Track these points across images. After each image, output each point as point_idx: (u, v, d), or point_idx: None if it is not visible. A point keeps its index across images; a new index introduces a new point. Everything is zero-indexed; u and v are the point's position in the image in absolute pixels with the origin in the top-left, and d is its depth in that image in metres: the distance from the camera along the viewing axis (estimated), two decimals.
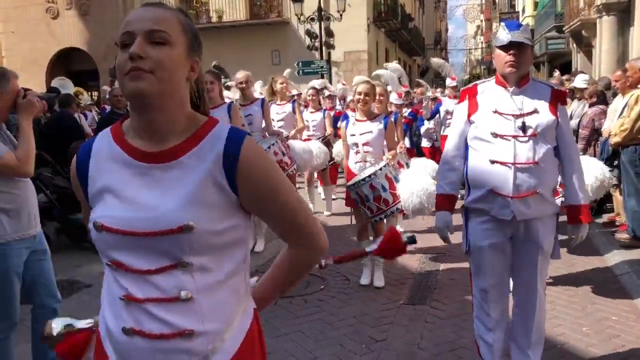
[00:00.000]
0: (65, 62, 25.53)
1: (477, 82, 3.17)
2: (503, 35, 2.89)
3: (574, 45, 21.98)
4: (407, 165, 5.51)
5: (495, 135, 2.90)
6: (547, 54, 25.53)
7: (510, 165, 2.86)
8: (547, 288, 4.64)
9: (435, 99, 10.05)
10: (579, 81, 8.23)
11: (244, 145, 1.31)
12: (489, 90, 3.01)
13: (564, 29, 21.90)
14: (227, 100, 6.05)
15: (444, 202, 3.16)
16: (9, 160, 2.85)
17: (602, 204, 7.27)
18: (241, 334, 1.37)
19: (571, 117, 7.74)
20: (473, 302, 3.17)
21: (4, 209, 2.91)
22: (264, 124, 6.11)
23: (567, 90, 8.26)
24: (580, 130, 7.19)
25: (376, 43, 24.98)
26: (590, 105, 7.24)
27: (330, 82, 15.76)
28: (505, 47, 2.88)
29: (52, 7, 24.47)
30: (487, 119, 2.93)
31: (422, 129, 9.71)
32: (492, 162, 2.89)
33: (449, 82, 9.80)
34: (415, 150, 9.48)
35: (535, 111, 2.89)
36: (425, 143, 9.73)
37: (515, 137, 2.87)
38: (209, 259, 1.30)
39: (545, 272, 3.10)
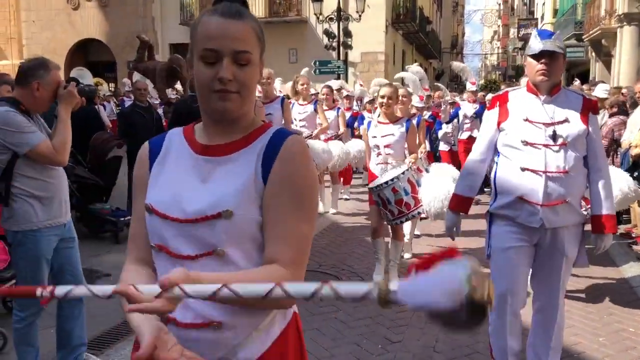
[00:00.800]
0: (84, 52, 25.80)
1: (508, 89, 3.19)
2: (535, 43, 2.91)
3: (593, 54, 21.89)
4: (427, 170, 5.52)
5: (525, 143, 2.90)
6: (566, 62, 25.41)
7: (541, 173, 2.87)
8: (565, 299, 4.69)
9: (453, 103, 10.07)
10: (600, 91, 8.19)
11: (287, 141, 1.35)
12: (520, 98, 3.02)
13: (583, 37, 21.82)
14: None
15: (459, 202, 3.22)
16: (44, 149, 2.92)
17: (619, 215, 7.25)
18: (272, 337, 1.37)
19: None
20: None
21: (38, 197, 2.97)
22: (283, 122, 6.16)
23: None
24: None
25: (393, 45, 24.98)
26: (610, 116, 7.21)
27: (347, 82, 15.80)
28: (537, 56, 2.89)
29: None
30: (518, 127, 2.94)
31: (440, 133, 9.73)
32: (523, 169, 2.90)
33: (468, 86, 9.82)
34: (434, 154, 9.51)
35: (566, 120, 2.90)
36: (443, 147, 9.75)
37: (546, 145, 2.88)
38: (243, 251, 1.31)
39: (567, 279, 3.11)
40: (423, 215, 5.03)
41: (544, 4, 32.93)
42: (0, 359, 3.68)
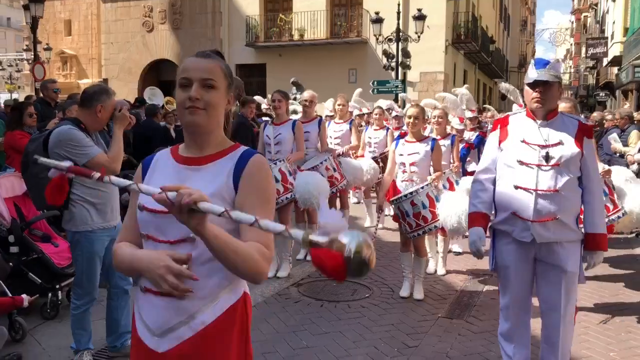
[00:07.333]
0: (157, 72, 27.28)
1: (509, 113, 3.44)
2: (531, 72, 3.15)
3: None
4: (457, 182, 5.77)
5: (520, 162, 3.15)
6: (636, 82, 24.53)
7: (532, 191, 3.11)
8: (586, 314, 4.80)
9: None
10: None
11: (252, 158, 1.77)
12: (519, 121, 3.28)
13: None
14: (292, 117, 6.61)
15: (476, 219, 3.33)
16: (101, 159, 3.45)
17: None
18: (222, 308, 1.72)
19: None
20: (499, 317, 3.43)
21: (93, 203, 3.51)
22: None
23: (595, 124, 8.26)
24: None
25: (454, 64, 25.01)
26: None
27: (403, 103, 16.05)
28: (532, 85, 3.15)
29: (148, 20, 26.31)
30: (515, 147, 3.20)
31: None
32: (516, 187, 3.15)
33: (515, 108, 9.87)
34: None
35: (560, 143, 3.11)
36: None
37: (538, 165, 3.11)
38: None
39: (572, 294, 3.23)
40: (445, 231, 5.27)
41: (614, 22, 31.94)
42: (17, 347, 4.15)
